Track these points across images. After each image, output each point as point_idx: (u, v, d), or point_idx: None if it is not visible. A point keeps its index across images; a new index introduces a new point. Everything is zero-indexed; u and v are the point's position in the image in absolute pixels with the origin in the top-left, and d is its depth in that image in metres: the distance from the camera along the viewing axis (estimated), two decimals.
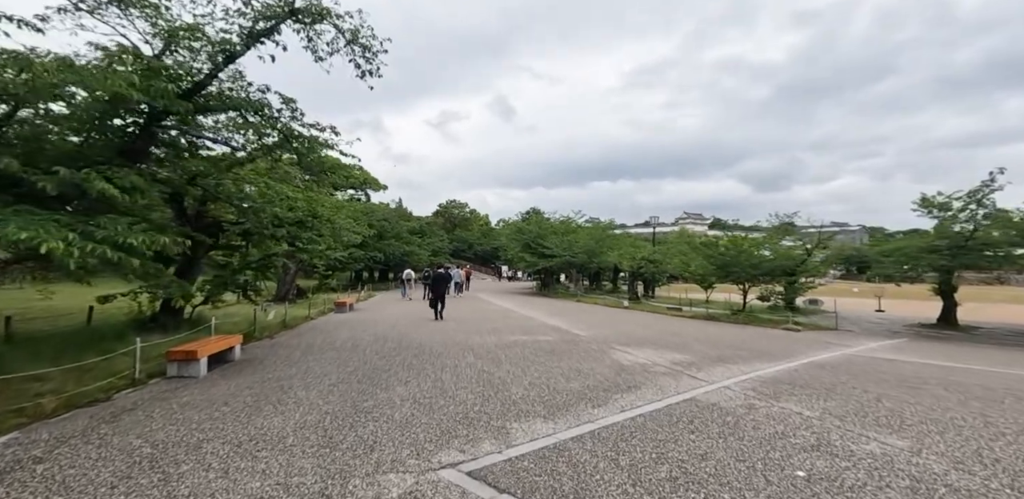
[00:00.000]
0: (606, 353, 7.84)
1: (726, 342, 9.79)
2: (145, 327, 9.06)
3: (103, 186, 4.60)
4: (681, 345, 9.02)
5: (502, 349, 8.00)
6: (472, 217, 75.20)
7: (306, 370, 6.25)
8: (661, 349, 8.38)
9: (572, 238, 26.94)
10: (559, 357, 7.37)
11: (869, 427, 4.26)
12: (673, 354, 7.87)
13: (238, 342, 7.09)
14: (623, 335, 10.25)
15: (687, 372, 6.47)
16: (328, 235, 13.24)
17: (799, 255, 16.27)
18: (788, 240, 18.11)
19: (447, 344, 8.44)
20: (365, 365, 6.59)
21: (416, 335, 9.56)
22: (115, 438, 3.80)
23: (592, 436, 3.89)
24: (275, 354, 7.45)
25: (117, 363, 5.82)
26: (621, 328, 11.74)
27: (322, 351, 7.71)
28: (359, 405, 4.69)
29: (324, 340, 8.90)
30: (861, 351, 9.64)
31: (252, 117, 6.91)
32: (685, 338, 10.15)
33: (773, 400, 5.10)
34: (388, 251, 31.04)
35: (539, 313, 15.21)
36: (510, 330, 10.56)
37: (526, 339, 9.22)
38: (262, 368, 6.41)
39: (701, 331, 11.84)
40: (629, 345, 8.76)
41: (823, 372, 6.83)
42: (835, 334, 13.23)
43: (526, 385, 5.54)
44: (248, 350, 7.79)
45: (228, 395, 5.04)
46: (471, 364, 6.70)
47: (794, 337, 11.76)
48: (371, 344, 8.41)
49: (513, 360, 7.05)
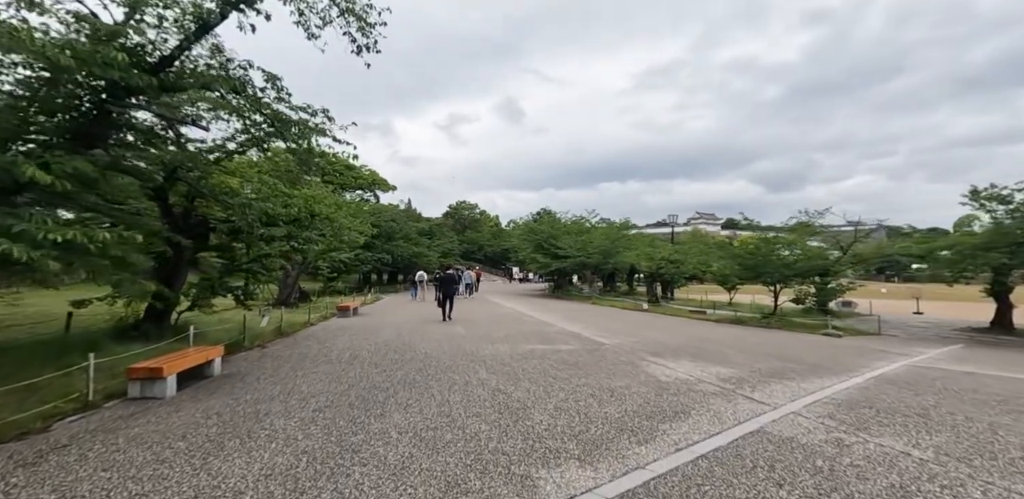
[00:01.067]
0: (638, 366, 6.84)
1: (768, 351, 8.73)
2: (126, 335, 8.26)
3: (33, 172, 3.73)
4: (720, 355, 7.98)
5: (518, 361, 7.04)
6: (482, 218, 74.39)
7: (291, 389, 5.35)
8: (699, 360, 7.35)
9: (586, 238, 25.91)
10: (585, 372, 6.39)
11: (1012, 476, 3.23)
12: (715, 367, 6.85)
13: (218, 354, 6.22)
14: (651, 343, 9.23)
15: (740, 391, 5.45)
16: (329, 235, 12.41)
17: (834, 254, 15.09)
18: (815, 239, 16.93)
19: (456, 355, 7.50)
20: (361, 382, 5.67)
21: (422, 344, 8.63)
22: (23, 493, 2.90)
23: (647, 493, 2.91)
24: (261, 368, 6.57)
25: (76, 380, 4.97)
26: (646, 334, 10.71)
27: (315, 364, 6.81)
28: (346, 440, 3.76)
29: (320, 350, 8.01)
30: (923, 361, 8.52)
31: (232, 98, 6.03)
32: (720, 346, 9.10)
33: (863, 433, 4.07)
34: (396, 252, 30.29)
35: (554, 317, 14.23)
36: (525, 337, 9.59)
37: (544, 349, 8.25)
38: (242, 386, 5.52)
39: (735, 337, 10.78)
40: (661, 355, 7.75)
41: (900, 391, 5.76)
42: (880, 340, 12.07)
43: (551, 411, 4.58)
44: (233, 362, 6.93)
45: (190, 425, 4.14)
46: (483, 381, 5.74)
47: (838, 344, 10.65)
48: (371, 355, 7.50)
49: (532, 376, 6.08)
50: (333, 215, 10.32)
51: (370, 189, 43.69)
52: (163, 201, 8.90)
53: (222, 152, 8.84)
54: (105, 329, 8.76)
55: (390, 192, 44.90)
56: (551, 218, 31.20)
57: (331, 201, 10.45)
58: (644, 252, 23.31)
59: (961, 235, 12.93)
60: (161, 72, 5.42)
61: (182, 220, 9.13)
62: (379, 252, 28.49)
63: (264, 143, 8.45)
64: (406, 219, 36.75)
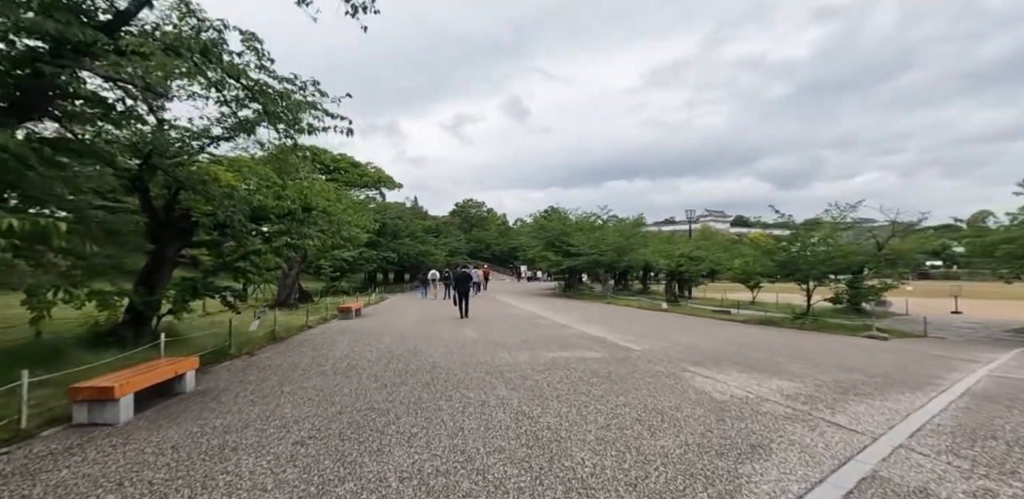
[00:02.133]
0: (681, 378, 5.86)
1: (820, 358, 7.72)
2: (101, 342, 7.41)
3: None
4: (770, 363, 6.98)
5: (540, 373, 6.08)
6: (489, 216, 73.48)
7: (272, 412, 4.43)
8: (750, 371, 6.36)
9: (599, 235, 24.87)
10: (621, 387, 5.42)
11: None
12: (772, 379, 5.85)
13: (190, 367, 5.31)
14: (686, 348, 8.23)
15: (818, 414, 4.46)
16: (330, 230, 11.53)
17: (872, 250, 13.98)
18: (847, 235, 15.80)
19: (468, 365, 6.56)
20: (357, 402, 4.74)
21: (430, 351, 7.70)
22: None
23: None
24: (243, 381, 5.66)
25: (15, 401, 4.09)
26: (676, 338, 9.71)
27: (306, 376, 5.89)
28: (330, 491, 2.83)
29: (314, 359, 7.10)
30: (1000, 370, 7.46)
31: (207, 67, 5.11)
32: (765, 352, 8.09)
33: (1014, 479, 3.08)
34: (402, 251, 29.46)
35: (571, 318, 13.25)
36: (544, 343, 8.63)
37: (567, 356, 7.28)
38: (214, 407, 4.61)
39: (773, 341, 9.75)
40: (703, 364, 6.76)
41: (1012, 412, 4.74)
42: (932, 343, 10.99)
43: (592, 444, 3.61)
44: (213, 374, 6.03)
45: (135, 465, 3.23)
46: (504, 401, 4.79)
47: (889, 348, 9.60)
48: (371, 365, 6.58)
49: (560, 392, 5.12)
50: (331, 208, 9.41)
51: (376, 187, 42.94)
52: (143, 193, 8.05)
53: (206, 138, 7.97)
54: (81, 335, 7.92)
55: (396, 190, 44.06)
56: (560, 216, 30.10)
57: (328, 190, 9.51)
58: (661, 249, 22.24)
59: (1019, 228, 11.79)
60: (116, 31, 4.51)
61: (164, 214, 8.29)
62: (384, 250, 27.65)
63: (251, 126, 7.58)
64: (412, 217, 35.89)
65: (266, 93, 5.35)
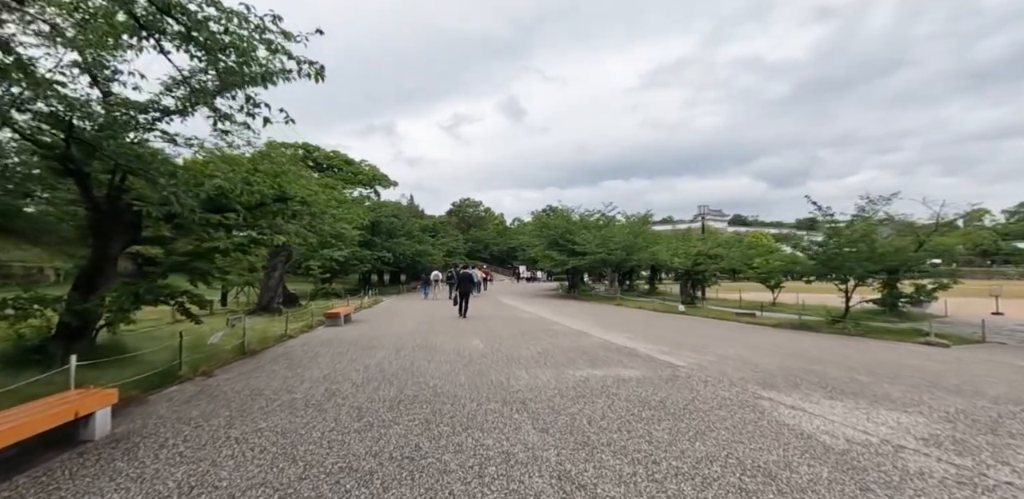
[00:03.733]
0: (761, 410, 4.48)
1: (905, 374, 6.34)
2: (26, 359, 6.01)
3: None
4: (855, 384, 5.60)
5: (574, 402, 4.69)
6: (487, 216, 72.07)
7: (201, 479, 3.01)
8: (841, 397, 4.98)
9: (606, 232, 23.51)
10: (689, 425, 4.03)
11: None
12: (880, 410, 4.48)
13: (103, 403, 3.89)
14: (739, 363, 6.84)
15: (997, 475, 3.08)
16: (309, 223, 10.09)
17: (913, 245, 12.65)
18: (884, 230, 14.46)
19: (479, 390, 5.16)
20: (328, 458, 3.33)
21: (430, 369, 6.30)
22: None
23: None
24: (180, 421, 4.24)
25: None
26: (717, 348, 8.32)
27: (266, 411, 4.47)
28: None
29: (285, 381, 5.68)
30: None
31: None
32: (837, 367, 6.70)
33: None
34: (398, 251, 28.02)
35: (586, 324, 11.87)
36: (566, 356, 7.24)
37: (601, 376, 5.89)
38: (118, 469, 3.19)
39: (831, 351, 8.37)
40: (775, 387, 5.39)
41: None
42: (1001, 351, 9.64)
43: None
44: (144, 408, 4.61)
45: None
46: (536, 453, 3.39)
47: (967, 358, 8.24)
48: (356, 391, 5.17)
49: (611, 437, 3.73)
50: (312, 198, 7.98)
51: (370, 185, 41.45)
52: (81, 178, 6.63)
53: (156, 110, 6.55)
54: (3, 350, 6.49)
55: (391, 188, 42.59)
56: (563, 214, 28.63)
57: (309, 179, 8.05)
58: (676, 247, 20.91)
59: None
60: None
61: (107, 203, 6.86)
62: (379, 250, 26.20)
63: (207, 96, 6.19)
64: (408, 215, 34.43)
65: (204, 26, 3.96)
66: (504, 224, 70.86)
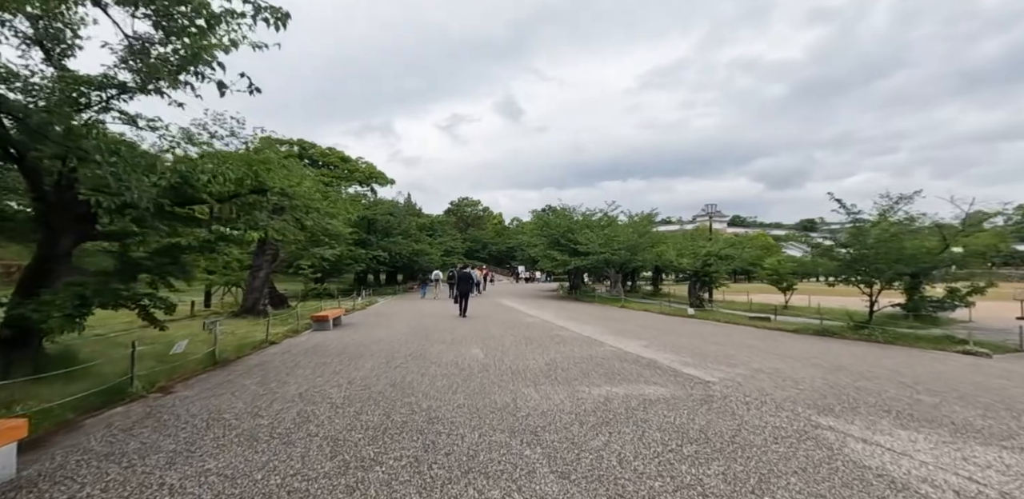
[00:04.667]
0: (828, 445, 3.65)
1: (968, 391, 5.52)
2: None
3: None
4: (923, 407, 4.78)
5: (596, 432, 3.86)
6: (485, 215, 71.19)
7: None
8: (918, 426, 4.16)
9: (610, 231, 22.68)
10: (746, 468, 3.21)
11: None
12: (975, 446, 3.66)
13: (6, 440, 3.05)
14: (777, 379, 6.00)
15: None
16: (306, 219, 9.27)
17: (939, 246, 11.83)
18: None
19: (481, 415, 4.33)
20: None
21: (423, 386, 5.47)
22: None
23: None
24: (108, 457, 3.40)
25: None
26: (746, 359, 7.49)
27: (219, 446, 3.63)
28: None
29: (253, 401, 4.84)
30: None
31: None
32: (889, 384, 5.87)
33: None
34: (394, 250, 27.15)
35: (595, 329, 11.04)
36: (579, 369, 6.41)
37: (623, 395, 5.06)
38: None
39: (869, 362, 7.56)
40: (831, 412, 4.56)
41: None
42: None
43: None
44: (73, 437, 3.77)
45: None
46: None
47: (1020, 371, 7.44)
48: (334, 415, 4.34)
49: (651, 486, 2.90)
50: (294, 189, 7.15)
51: (367, 183, 40.56)
52: (27, 165, 5.80)
53: (114, 86, 5.72)
54: None
55: (388, 186, 41.77)
56: (563, 213, 27.77)
57: (290, 169, 7.19)
58: (683, 247, 20.10)
59: None
60: None
61: (56, 194, 6.03)
62: (374, 249, 25.34)
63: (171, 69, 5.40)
64: (405, 214, 33.56)
65: None
66: (503, 224, 69.97)
